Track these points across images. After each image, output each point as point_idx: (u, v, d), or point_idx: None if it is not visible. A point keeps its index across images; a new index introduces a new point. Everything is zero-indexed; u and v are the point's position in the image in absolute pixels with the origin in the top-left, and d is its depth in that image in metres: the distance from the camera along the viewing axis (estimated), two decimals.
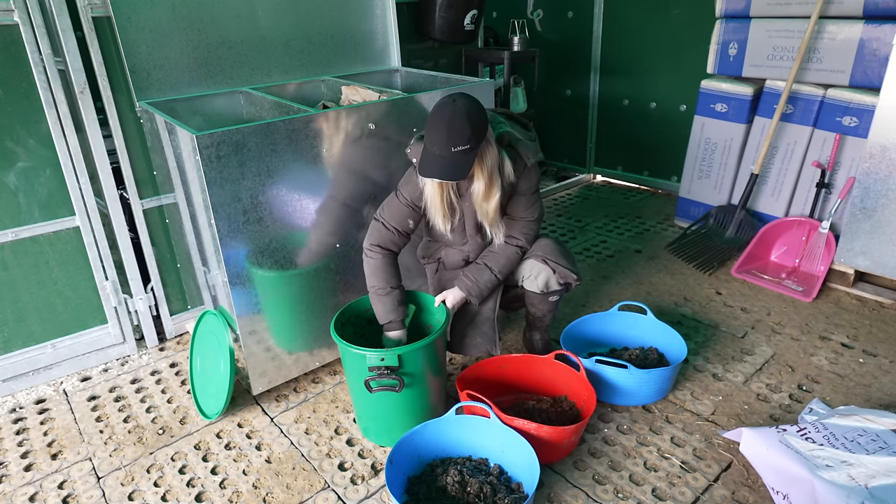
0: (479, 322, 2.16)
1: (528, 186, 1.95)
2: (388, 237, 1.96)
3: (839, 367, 2.22)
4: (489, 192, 1.83)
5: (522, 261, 2.07)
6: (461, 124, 1.66)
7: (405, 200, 1.94)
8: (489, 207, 1.86)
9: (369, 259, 1.97)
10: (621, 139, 4.17)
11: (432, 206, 1.89)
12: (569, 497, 1.72)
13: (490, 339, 2.16)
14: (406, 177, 1.96)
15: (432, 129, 1.69)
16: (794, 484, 1.56)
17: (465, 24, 3.41)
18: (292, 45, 2.53)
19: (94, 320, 2.41)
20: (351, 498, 1.75)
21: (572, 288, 2.11)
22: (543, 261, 2.03)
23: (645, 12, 3.73)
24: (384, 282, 1.95)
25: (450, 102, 1.68)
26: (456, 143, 1.67)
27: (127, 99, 2.23)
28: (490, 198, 1.84)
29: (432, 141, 1.69)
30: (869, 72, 2.66)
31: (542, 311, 2.17)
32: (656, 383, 2.02)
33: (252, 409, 2.15)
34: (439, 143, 1.68)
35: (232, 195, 1.84)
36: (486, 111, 1.75)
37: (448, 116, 1.66)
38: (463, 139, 1.67)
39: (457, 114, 1.66)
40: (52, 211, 2.21)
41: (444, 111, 1.68)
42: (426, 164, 1.73)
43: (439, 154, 1.69)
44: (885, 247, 2.53)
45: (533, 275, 2.05)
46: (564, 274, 2.04)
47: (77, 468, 1.92)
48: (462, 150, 1.68)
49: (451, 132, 1.66)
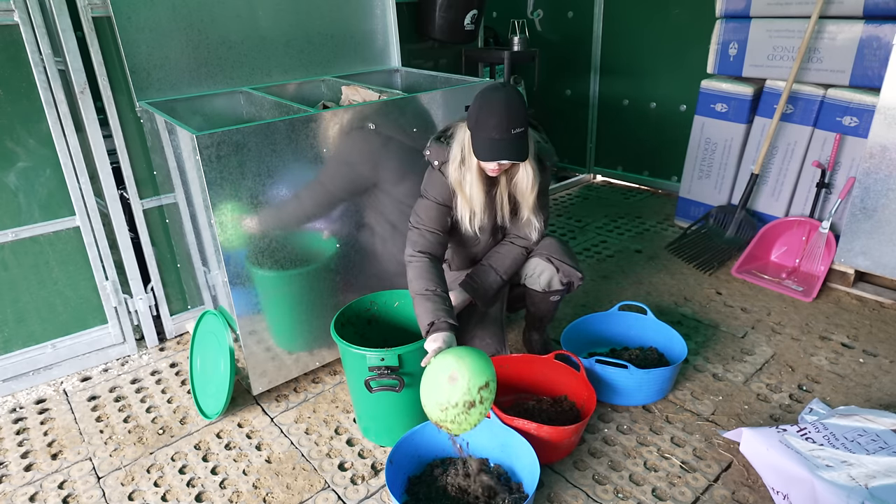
0: (487, 323, 2.15)
1: (542, 187, 1.96)
2: (431, 240, 1.91)
3: (839, 367, 2.22)
4: (535, 180, 1.84)
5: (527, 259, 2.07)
6: (518, 106, 1.68)
7: (437, 200, 1.91)
8: (531, 194, 1.87)
9: (414, 264, 1.87)
10: (621, 139, 4.17)
11: (474, 200, 1.86)
12: (569, 497, 1.72)
13: (499, 339, 2.16)
14: (428, 179, 1.93)
15: (488, 115, 1.68)
16: (795, 484, 1.56)
17: (465, 24, 3.41)
18: (292, 45, 2.53)
19: (94, 320, 2.41)
20: (351, 498, 1.75)
21: (574, 289, 2.11)
22: (548, 259, 2.03)
23: (645, 12, 3.73)
24: (433, 283, 1.81)
25: (501, 87, 1.70)
26: (515, 125, 1.68)
27: (127, 99, 2.23)
28: (535, 186, 1.85)
29: (489, 126, 1.68)
30: (869, 72, 2.66)
31: (543, 311, 2.17)
32: (656, 383, 2.02)
33: (252, 409, 2.15)
34: (499, 127, 1.67)
35: (232, 195, 1.84)
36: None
37: (505, 101, 1.67)
38: (521, 121, 1.68)
39: (512, 96, 1.68)
40: (52, 211, 2.21)
41: (499, 96, 1.68)
42: (487, 149, 1.71)
43: (500, 138, 1.68)
44: (885, 247, 2.53)
45: (536, 273, 2.05)
46: (568, 272, 2.03)
47: (77, 468, 1.92)
48: (520, 132, 1.69)
49: (510, 114, 1.67)
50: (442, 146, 1.87)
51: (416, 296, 1.82)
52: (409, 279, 1.86)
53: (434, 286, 1.81)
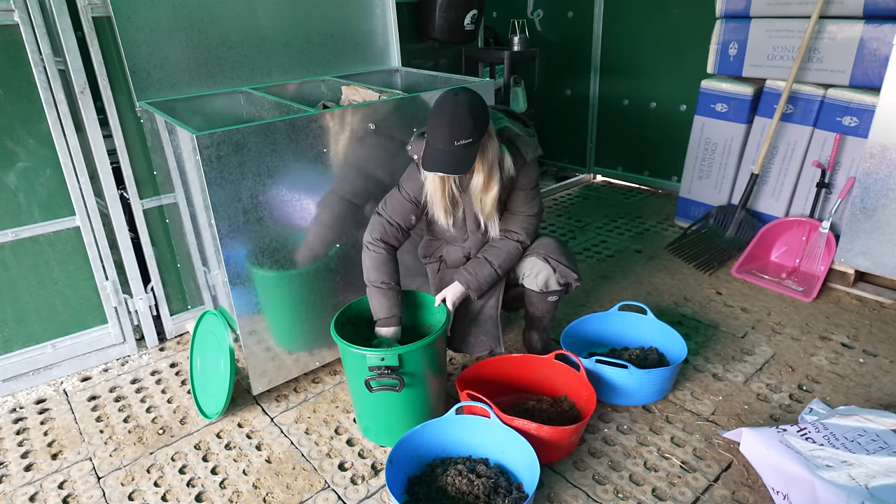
0: (482, 320, 2.16)
1: (527, 182, 1.96)
2: (390, 232, 1.96)
3: (839, 367, 2.22)
4: (488, 184, 1.84)
5: (523, 258, 2.07)
6: (464, 118, 1.66)
7: (407, 196, 1.94)
8: (487, 200, 1.88)
9: (371, 253, 1.96)
10: (621, 139, 4.17)
11: (434, 200, 1.90)
12: (569, 497, 1.72)
13: (494, 337, 2.17)
14: (408, 173, 1.97)
15: (435, 124, 1.70)
16: (795, 484, 1.56)
17: (465, 24, 3.41)
18: (292, 45, 2.53)
19: (95, 320, 2.41)
20: (351, 498, 1.75)
21: (572, 289, 2.11)
22: (545, 259, 2.03)
23: (645, 12, 3.73)
24: (388, 277, 1.95)
25: (451, 97, 1.69)
26: (459, 136, 1.67)
27: (127, 99, 2.23)
28: (489, 191, 1.85)
29: (435, 136, 1.70)
30: (869, 72, 2.66)
31: (541, 311, 2.17)
32: (656, 383, 2.02)
33: (252, 409, 2.15)
34: (442, 138, 1.68)
35: (232, 195, 1.84)
36: (486, 105, 1.76)
37: (451, 110, 1.67)
38: (465, 132, 1.67)
39: (459, 107, 1.67)
40: (52, 211, 2.21)
41: (447, 105, 1.68)
42: (429, 159, 1.73)
43: (443, 148, 1.70)
44: (885, 247, 2.53)
45: (533, 273, 2.05)
46: (565, 273, 2.04)
47: (77, 468, 1.92)
48: (465, 144, 1.69)
49: (453, 126, 1.66)
50: (421, 140, 1.88)
51: (372, 287, 1.97)
52: (366, 266, 1.97)
53: (389, 279, 1.95)
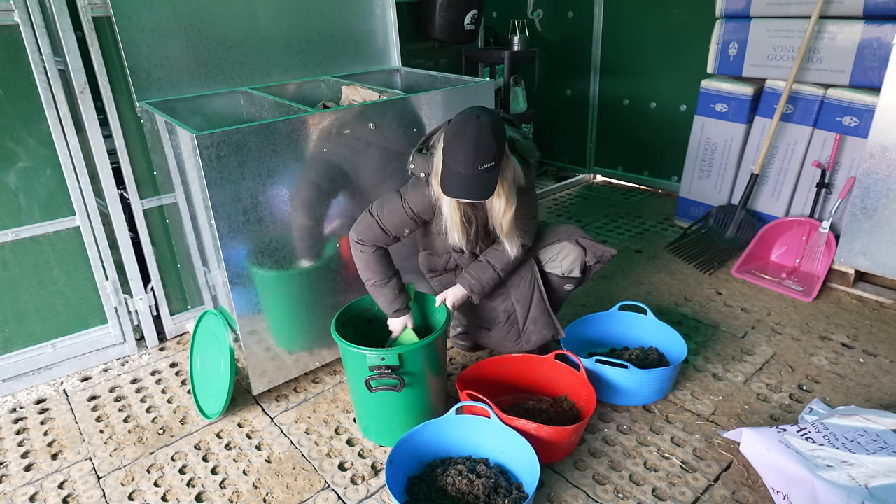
0: (537, 314, 2.11)
1: (528, 185, 1.96)
2: (381, 237, 1.92)
3: (839, 367, 2.22)
4: (508, 206, 1.81)
5: (550, 245, 2.08)
6: (488, 142, 1.62)
7: (410, 212, 1.89)
8: (506, 221, 1.84)
9: (361, 253, 1.94)
10: (621, 139, 4.17)
11: (452, 224, 1.86)
12: (569, 497, 1.72)
13: (550, 326, 2.11)
14: (413, 187, 1.91)
15: (457, 148, 1.64)
16: (795, 484, 1.56)
17: (465, 24, 3.41)
18: (292, 45, 2.53)
19: (95, 320, 2.41)
20: (351, 498, 1.75)
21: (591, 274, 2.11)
22: (575, 242, 2.04)
23: (645, 12, 3.73)
24: (381, 274, 1.94)
25: (474, 119, 1.63)
26: (482, 161, 1.63)
27: (127, 99, 2.23)
28: (508, 212, 1.82)
29: (456, 160, 1.64)
30: (869, 72, 2.66)
31: (552, 301, 2.16)
32: (656, 383, 2.02)
33: (252, 409, 2.15)
34: (465, 163, 1.63)
35: (232, 195, 1.84)
36: (504, 125, 1.71)
37: (474, 135, 1.61)
38: (490, 157, 1.63)
39: (482, 131, 1.61)
40: (52, 211, 2.21)
41: (470, 129, 1.62)
42: (451, 185, 1.69)
43: (465, 173, 1.64)
44: (885, 247, 2.53)
45: (560, 257, 2.05)
46: (598, 250, 2.04)
47: (77, 468, 1.92)
48: (488, 168, 1.65)
49: (478, 151, 1.61)
50: (425, 158, 1.83)
51: (369, 287, 1.97)
52: (359, 268, 1.97)
53: (383, 276, 1.94)
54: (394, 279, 1.96)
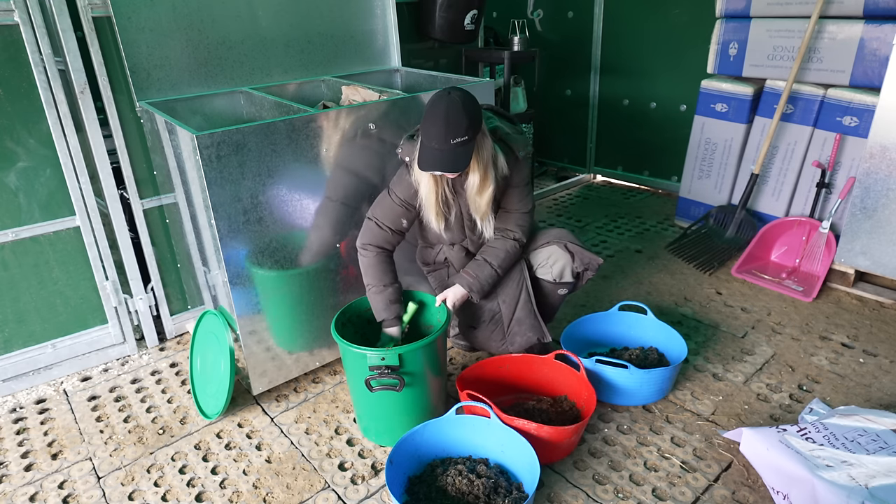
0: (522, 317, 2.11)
1: (520, 179, 1.96)
2: (381, 236, 1.96)
3: (839, 367, 2.22)
4: (484, 184, 1.84)
5: (539, 248, 2.07)
6: (458, 116, 1.66)
7: (398, 200, 1.94)
8: (482, 201, 1.88)
9: (363, 258, 1.98)
10: (621, 139, 4.17)
11: (427, 203, 1.89)
12: (569, 497, 1.72)
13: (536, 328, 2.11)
14: (398, 176, 1.96)
15: (430, 124, 1.69)
16: (795, 484, 1.56)
17: (465, 24, 3.41)
18: (292, 45, 2.53)
19: (95, 320, 2.41)
20: (351, 498, 1.75)
21: (583, 281, 2.11)
22: (564, 247, 2.04)
23: (645, 12, 3.73)
24: (377, 279, 1.96)
25: (445, 95, 1.69)
26: (454, 135, 1.67)
27: (127, 99, 2.23)
28: (484, 190, 1.85)
29: (430, 135, 1.69)
30: (869, 72, 2.66)
31: (547, 306, 2.16)
32: (656, 383, 2.02)
33: (252, 408, 2.15)
34: (437, 137, 1.68)
35: (232, 195, 1.84)
36: (479, 103, 1.76)
37: (445, 109, 1.67)
38: (461, 131, 1.67)
39: (453, 106, 1.67)
40: (52, 211, 2.21)
41: (440, 104, 1.68)
42: (425, 159, 1.73)
43: (438, 147, 1.69)
44: (885, 247, 2.53)
45: (549, 262, 2.05)
46: (586, 257, 2.04)
47: (77, 468, 1.92)
48: (461, 142, 1.69)
49: (448, 124, 1.66)
50: (412, 143, 1.88)
51: (367, 291, 1.99)
52: (361, 271, 2.00)
53: (379, 282, 1.96)
54: (390, 289, 1.96)
